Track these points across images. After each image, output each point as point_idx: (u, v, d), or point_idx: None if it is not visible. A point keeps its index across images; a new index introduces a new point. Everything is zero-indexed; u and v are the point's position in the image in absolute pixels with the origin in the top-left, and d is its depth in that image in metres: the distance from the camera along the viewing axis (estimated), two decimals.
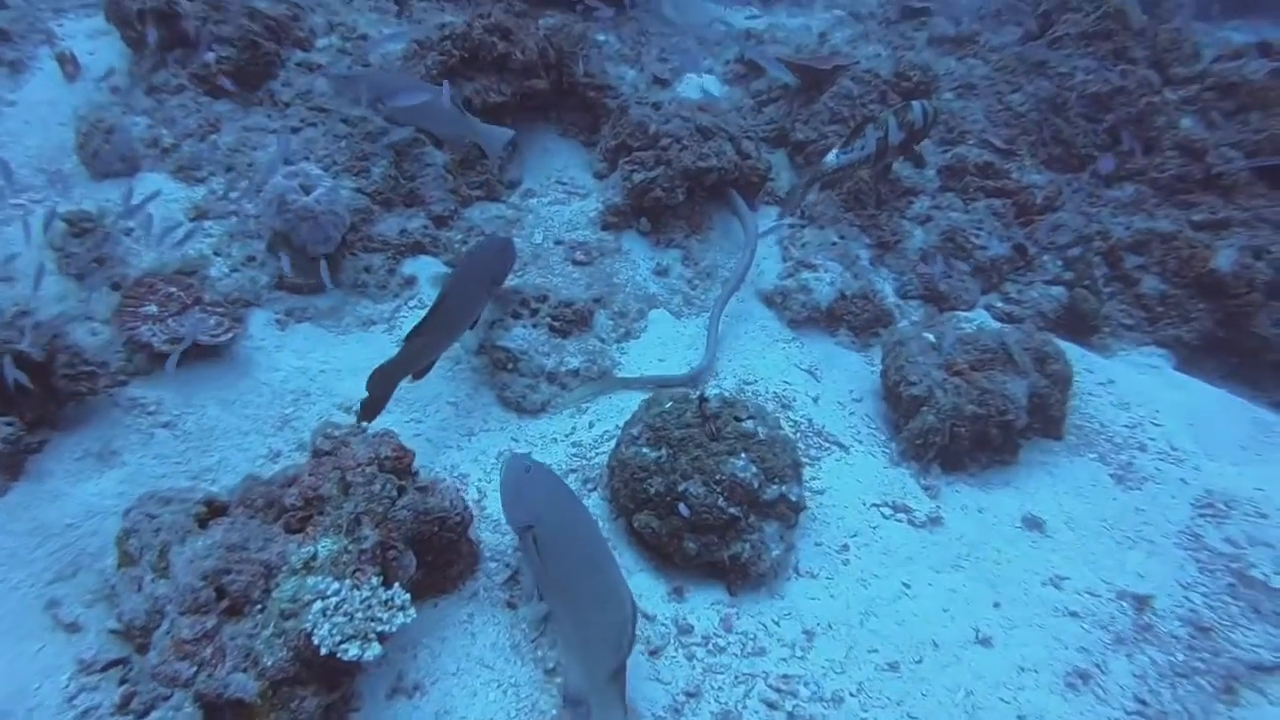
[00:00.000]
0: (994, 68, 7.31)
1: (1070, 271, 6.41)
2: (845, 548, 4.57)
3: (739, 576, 4.24)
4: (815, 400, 5.48)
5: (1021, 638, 4.24)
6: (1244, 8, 9.46)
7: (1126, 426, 5.60)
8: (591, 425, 5.12)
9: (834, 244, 6.15)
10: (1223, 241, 6.18)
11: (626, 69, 7.12)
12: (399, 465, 3.62)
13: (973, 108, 7.05)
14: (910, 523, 4.77)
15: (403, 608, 3.19)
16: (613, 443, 4.61)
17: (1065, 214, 6.61)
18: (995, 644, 4.17)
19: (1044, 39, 7.12)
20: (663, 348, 5.66)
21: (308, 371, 4.94)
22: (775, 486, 4.22)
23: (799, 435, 5.15)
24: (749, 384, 5.45)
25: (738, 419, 4.36)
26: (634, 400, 4.88)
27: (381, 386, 4.46)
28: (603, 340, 5.53)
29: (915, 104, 5.97)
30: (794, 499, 4.25)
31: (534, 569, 3.56)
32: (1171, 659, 4.18)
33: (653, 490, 4.22)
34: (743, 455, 4.21)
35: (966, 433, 5.02)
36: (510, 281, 5.41)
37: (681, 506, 4.12)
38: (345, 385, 4.91)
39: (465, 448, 4.86)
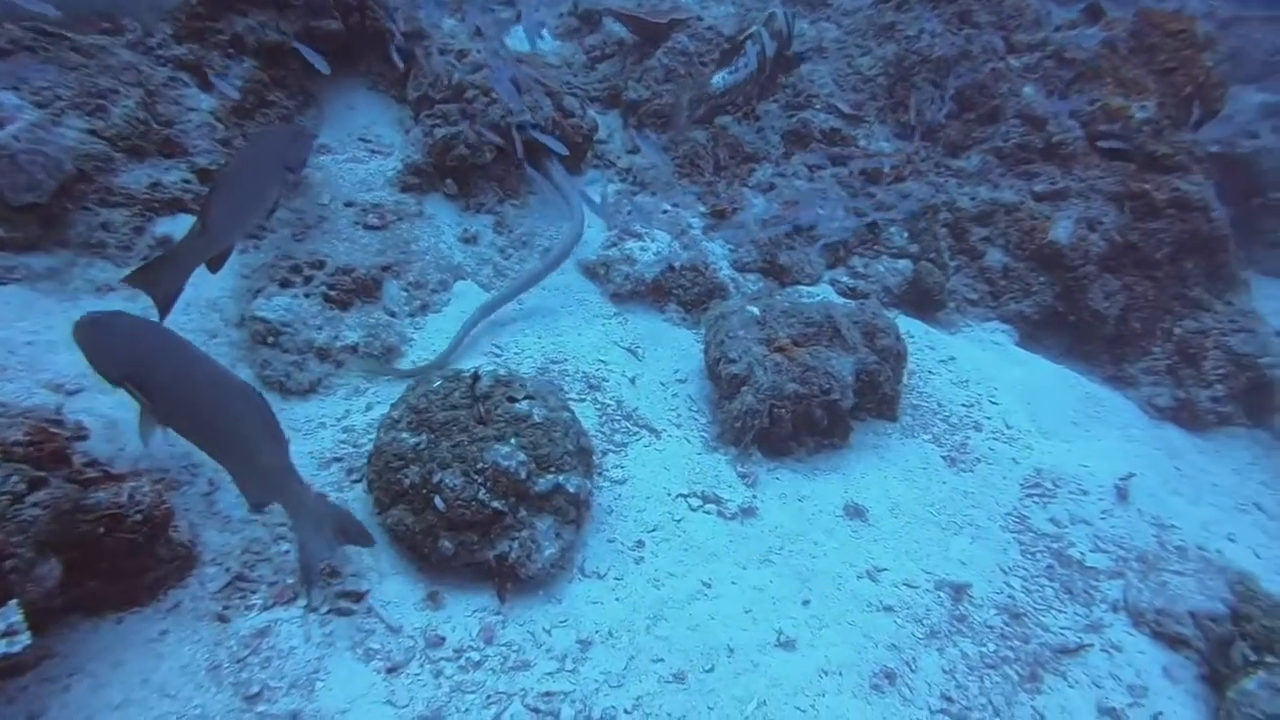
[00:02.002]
0: (845, 30, 6.92)
1: (916, 244, 6.07)
2: (640, 544, 4.05)
3: (508, 579, 3.67)
4: (632, 381, 4.95)
5: (829, 638, 3.81)
6: None
7: (964, 405, 5.28)
8: (369, 408, 4.48)
9: (665, 212, 5.63)
10: (1061, 213, 5.94)
11: (446, 17, 6.44)
12: (40, 453, 2.91)
13: (820, 71, 6.64)
14: (720, 514, 4.30)
15: (10, 633, 2.50)
16: None
17: (913, 184, 6.26)
18: (799, 646, 3.73)
19: (893, 1, 6.75)
20: (461, 321, 5.04)
21: (9, 344, 4.12)
22: (550, 477, 3.66)
23: (605, 419, 4.62)
24: (556, 363, 4.89)
25: (511, 399, 3.79)
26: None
27: (157, 284, 3.91)
28: (393, 313, 4.88)
29: (776, 10, 5.62)
30: (573, 490, 3.70)
31: (144, 413, 3.33)
32: (983, 650, 3.86)
33: (408, 481, 3.61)
34: (511, 441, 3.64)
35: (788, 414, 4.57)
36: (288, 245, 4.72)
37: (437, 500, 3.53)
38: (59, 360, 4.11)
39: None
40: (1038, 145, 6.33)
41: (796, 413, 4.61)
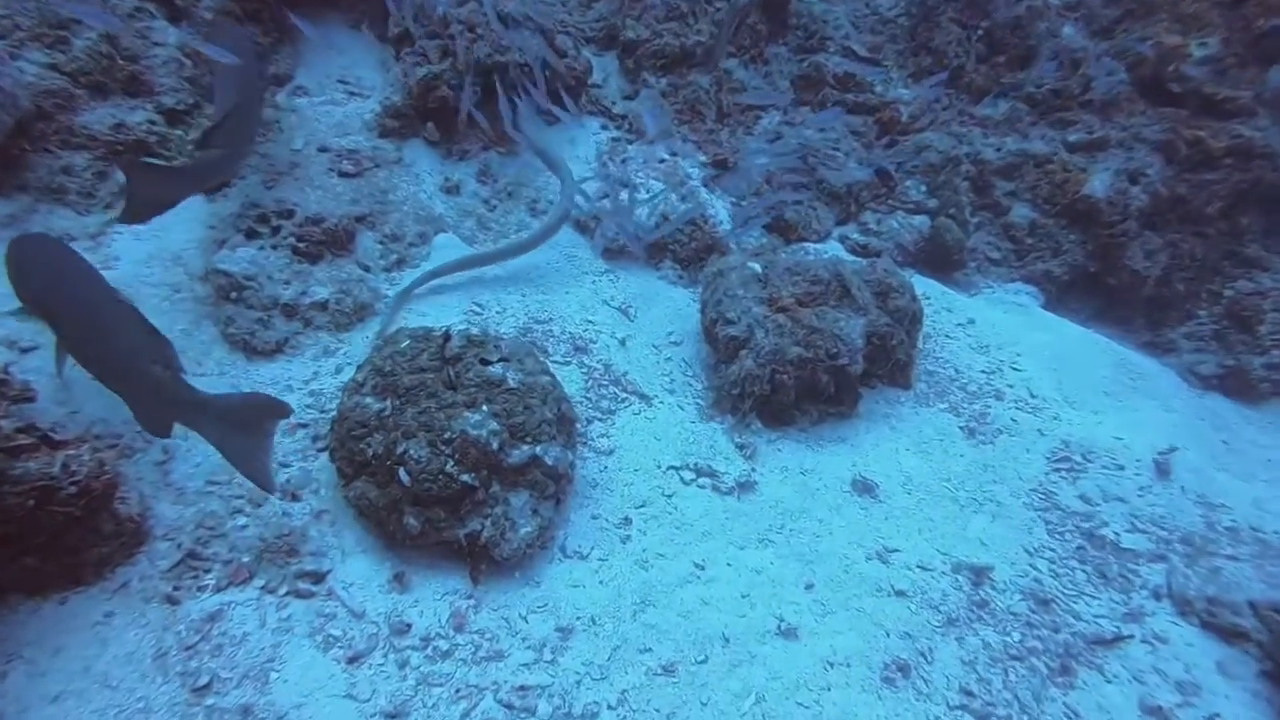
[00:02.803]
0: None
1: (935, 198, 5.65)
2: (627, 521, 3.72)
3: (481, 560, 3.36)
4: (622, 343, 4.59)
5: (835, 625, 3.48)
6: None
7: (984, 372, 4.89)
8: (339, 370, 4.15)
9: (662, 161, 5.22)
10: (1098, 164, 5.48)
11: None
12: None
13: (835, 11, 6.16)
14: (715, 489, 3.96)
15: None
16: None
17: (932, 134, 5.81)
18: (801, 635, 3.41)
19: None
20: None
21: None
22: (525, 448, 3.33)
23: (591, 384, 4.26)
24: (540, 323, 4.53)
25: (484, 362, 3.44)
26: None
27: (158, 187, 3.76)
28: (366, 267, 4.52)
29: None
30: (551, 462, 3.37)
31: (56, 342, 3.30)
32: (1007, 639, 3.51)
33: (370, 452, 3.29)
34: (483, 408, 3.30)
35: (791, 381, 4.21)
36: (257, 193, 4.37)
37: (401, 472, 3.20)
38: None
39: None
40: (1075, 91, 5.84)
41: (800, 379, 4.25)
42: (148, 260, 4.27)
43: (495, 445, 3.23)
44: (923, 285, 5.36)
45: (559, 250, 4.96)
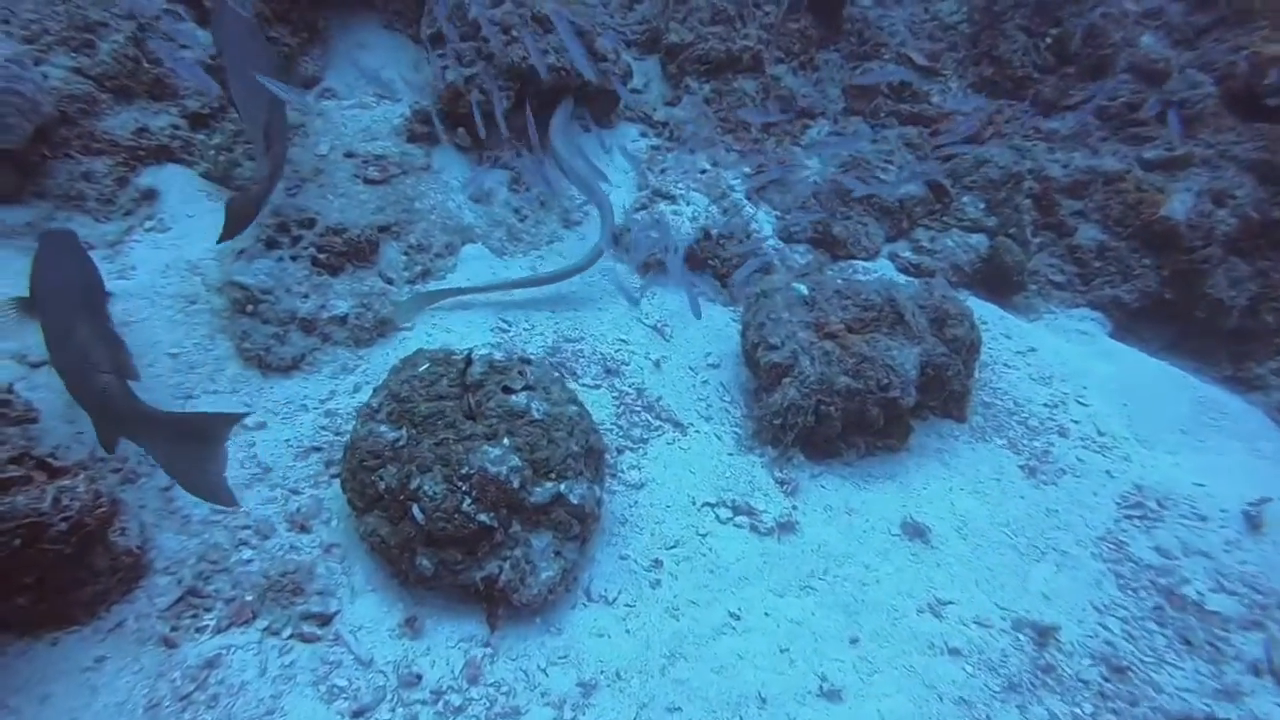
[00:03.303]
0: None
1: (994, 217, 5.29)
2: (658, 563, 3.44)
3: (499, 605, 3.10)
4: (657, 365, 4.32)
5: (882, 686, 3.18)
6: None
7: (1046, 406, 4.54)
8: (357, 389, 3.94)
9: (703, 172, 4.94)
10: (1178, 184, 5.08)
11: None
12: None
13: (892, 16, 5.82)
14: (753, 529, 3.67)
15: None
16: None
17: (993, 147, 5.45)
18: (845, 696, 3.11)
19: None
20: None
21: None
22: (549, 485, 3.07)
23: (622, 410, 4.00)
24: (570, 342, 4.28)
25: (507, 390, 3.19)
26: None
27: (248, 205, 3.81)
28: (389, 280, 4.30)
29: None
30: (576, 501, 3.10)
31: None
32: (1076, 711, 3.17)
33: (383, 485, 3.06)
34: (505, 440, 3.05)
35: (838, 412, 3.90)
36: (279, 200, 4.19)
37: (415, 509, 2.96)
38: (30, 327, 3.63)
39: None
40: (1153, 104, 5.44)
41: (848, 411, 3.94)
42: (164, 270, 4.10)
43: (516, 483, 2.97)
44: (979, 309, 5.01)
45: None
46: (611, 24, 5.30)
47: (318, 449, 3.66)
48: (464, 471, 2.96)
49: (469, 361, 3.27)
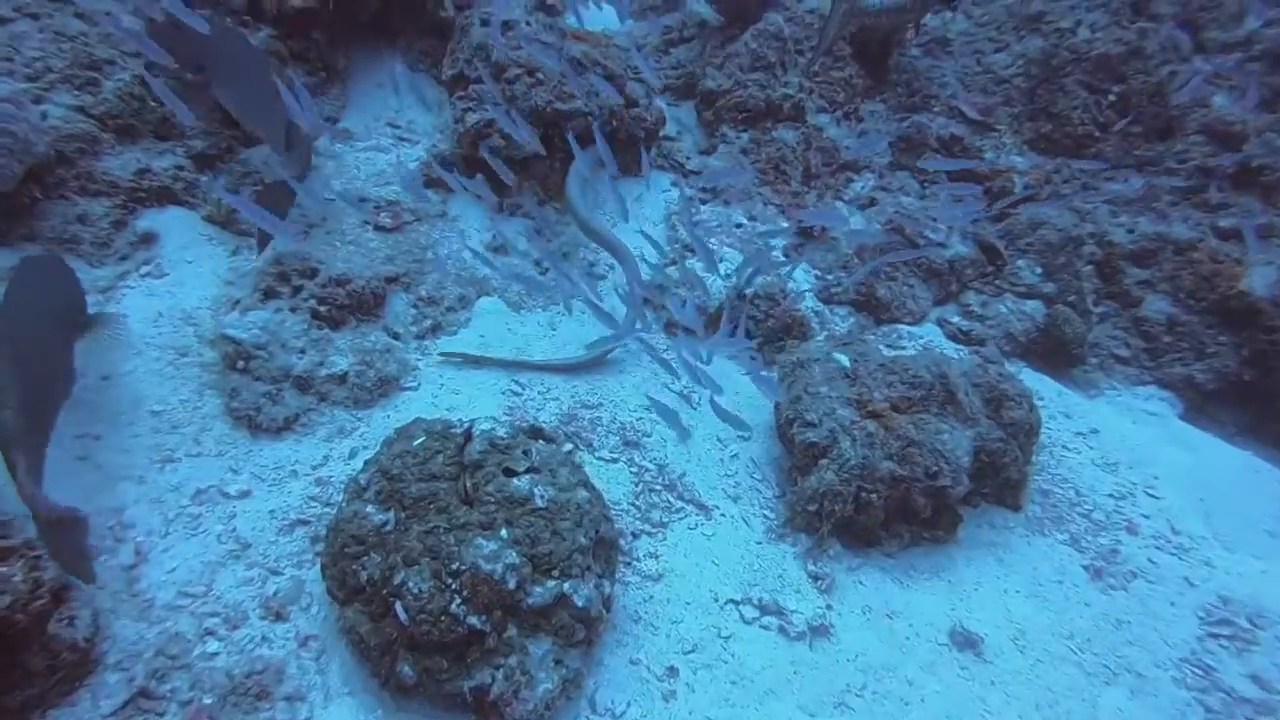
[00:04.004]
0: (976, 22, 5.75)
1: (1052, 283, 4.89)
2: (673, 671, 3.04)
3: (490, 718, 2.71)
4: (685, 440, 3.94)
5: None
6: None
7: (1112, 496, 4.09)
8: (353, 455, 3.61)
9: (738, 226, 4.60)
10: (1260, 255, 4.64)
11: None
12: None
13: (942, 67, 5.50)
14: (782, 632, 3.25)
15: None
16: None
17: (1051, 208, 5.07)
18: None
19: None
20: (484, 349, 4.14)
21: None
22: (550, 584, 2.69)
23: (641, 489, 3.62)
24: (588, 408, 3.93)
25: (509, 472, 2.84)
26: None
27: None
28: (395, 334, 4.00)
29: None
30: (581, 604, 2.72)
31: None
32: None
33: (365, 575, 2.70)
34: (502, 532, 2.68)
35: (881, 501, 3.49)
36: (278, 245, 3.93)
37: (398, 607, 2.59)
38: None
39: (151, 480, 3.33)
40: (1228, 169, 5.02)
41: (891, 499, 3.53)
42: (156, 319, 3.83)
43: (512, 583, 2.60)
44: (1034, 382, 4.59)
45: (615, 322, 4.36)
46: (645, 68, 5.01)
47: (304, 522, 3.33)
48: (454, 567, 2.60)
49: (469, 437, 2.93)
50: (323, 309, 3.79)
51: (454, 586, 2.59)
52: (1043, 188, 5.16)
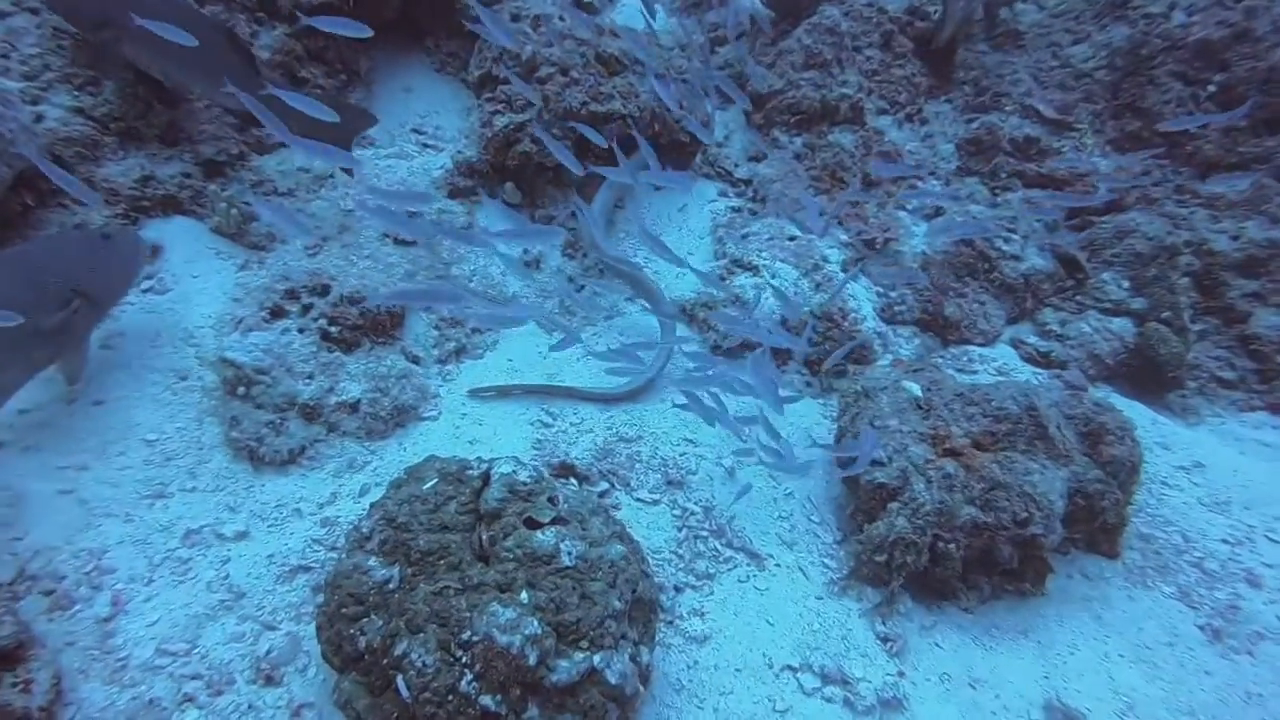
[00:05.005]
0: (1050, 13, 5.26)
1: (1142, 298, 4.37)
2: None
3: None
4: (730, 473, 3.53)
5: None
6: None
7: (1226, 542, 3.57)
8: (364, 492, 3.25)
9: (791, 239, 4.18)
10: None
11: None
12: None
13: (1014, 63, 5.02)
14: (847, 704, 2.80)
15: None
16: None
17: (1139, 214, 4.56)
18: None
19: None
20: (512, 375, 3.77)
21: None
22: (578, 657, 2.28)
23: (685, 535, 3.20)
24: (626, 442, 3.52)
25: (531, 523, 2.44)
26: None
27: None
28: (415, 358, 3.64)
29: None
30: (615, 681, 2.30)
31: None
32: None
33: (364, 642, 2.32)
34: (522, 595, 2.28)
35: (960, 551, 3.03)
36: (297, 261, 3.60)
37: (400, 681, 2.21)
38: None
39: (139, 518, 3.00)
40: None
41: (972, 548, 3.07)
42: (154, 339, 3.53)
43: (533, 657, 2.19)
44: (1124, 409, 4.07)
45: (657, 345, 3.95)
46: (689, 68, 4.61)
47: (306, 568, 2.97)
48: (465, 638, 2.20)
49: (486, 480, 2.54)
50: (334, 330, 3.45)
51: (464, 660, 2.19)
52: (1129, 192, 4.64)
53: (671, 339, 3.72)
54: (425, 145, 4.46)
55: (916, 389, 3.33)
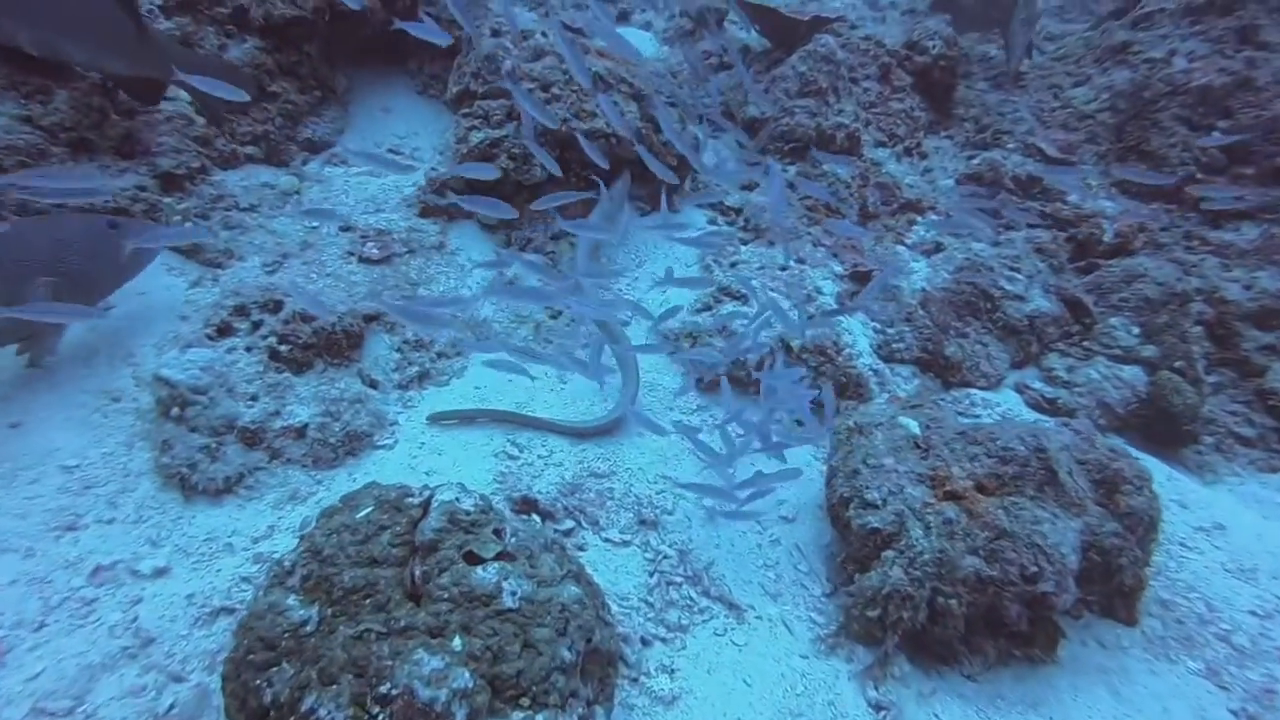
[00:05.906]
0: (1051, 56, 5.13)
1: (1153, 345, 4.12)
2: None
3: None
4: (711, 515, 3.21)
5: None
6: None
7: (1255, 615, 3.24)
8: (305, 526, 2.92)
9: (783, 269, 3.94)
10: None
11: (523, 11, 5.07)
12: None
13: (1014, 102, 4.87)
14: None
15: None
16: None
17: (1148, 259, 4.34)
18: None
19: (1128, 17, 4.92)
20: (481, 402, 3.48)
21: None
22: (517, 717, 1.94)
23: (657, 580, 2.88)
24: (597, 477, 3.22)
25: (472, 559, 2.13)
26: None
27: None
28: (373, 382, 3.36)
29: None
30: None
31: None
32: None
33: (269, 696, 1.98)
34: (455, 642, 1.97)
35: (962, 607, 2.71)
36: (253, 278, 3.36)
37: None
38: None
39: (42, 552, 2.68)
40: None
41: (975, 605, 2.74)
42: (89, 358, 3.25)
43: (460, 717, 1.86)
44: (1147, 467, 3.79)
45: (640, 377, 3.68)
46: (681, 95, 4.44)
47: (230, 610, 2.64)
48: (383, 690, 1.88)
49: (425, 509, 2.24)
50: (284, 349, 3.18)
51: (380, 718, 1.86)
52: (1136, 236, 4.43)
53: (635, 376, 3.46)
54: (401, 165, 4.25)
55: (915, 426, 3.05)
